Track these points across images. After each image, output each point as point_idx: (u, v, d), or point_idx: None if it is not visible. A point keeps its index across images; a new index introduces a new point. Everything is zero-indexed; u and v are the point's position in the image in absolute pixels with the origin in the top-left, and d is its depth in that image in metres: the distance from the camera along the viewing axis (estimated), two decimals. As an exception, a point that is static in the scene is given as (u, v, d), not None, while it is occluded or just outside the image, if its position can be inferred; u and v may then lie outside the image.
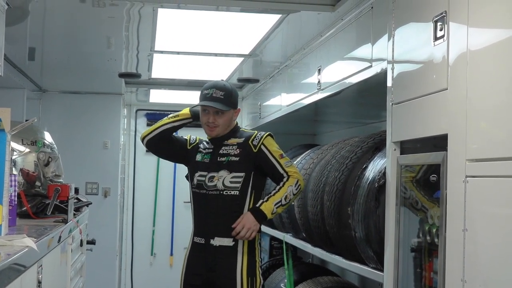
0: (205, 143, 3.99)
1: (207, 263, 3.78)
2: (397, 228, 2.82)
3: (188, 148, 4.01)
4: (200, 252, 3.82)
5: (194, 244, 3.85)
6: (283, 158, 3.81)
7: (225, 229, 3.75)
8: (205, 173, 3.85)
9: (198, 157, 3.94)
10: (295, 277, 5.06)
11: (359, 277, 5.11)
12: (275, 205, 3.71)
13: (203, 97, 3.85)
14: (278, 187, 3.76)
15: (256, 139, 3.84)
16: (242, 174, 3.79)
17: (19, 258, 2.12)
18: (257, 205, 3.73)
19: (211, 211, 3.81)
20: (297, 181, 3.75)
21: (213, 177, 3.82)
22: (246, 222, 3.71)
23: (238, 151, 3.83)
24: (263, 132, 3.89)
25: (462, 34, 2.30)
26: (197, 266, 3.83)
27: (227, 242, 3.75)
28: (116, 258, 7.76)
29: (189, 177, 3.95)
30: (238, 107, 3.96)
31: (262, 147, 3.82)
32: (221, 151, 3.86)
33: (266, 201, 3.73)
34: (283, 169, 3.78)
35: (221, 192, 3.79)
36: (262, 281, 3.84)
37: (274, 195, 3.74)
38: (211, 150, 3.90)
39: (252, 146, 3.82)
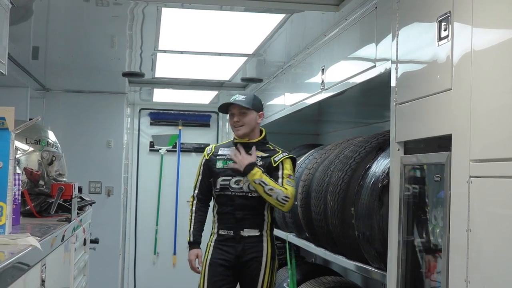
0: (225, 149, 4.49)
1: (237, 250, 4.34)
2: (401, 228, 2.82)
3: (207, 158, 4.51)
4: (228, 241, 4.37)
5: (221, 236, 4.40)
6: (289, 178, 4.30)
7: (252, 222, 4.35)
8: (229, 178, 4.38)
9: (219, 164, 4.44)
10: (298, 277, 5.06)
11: (362, 277, 5.10)
12: (260, 182, 4.21)
13: (228, 103, 4.45)
14: (277, 182, 4.26)
15: (278, 157, 4.39)
16: None
17: (23, 257, 2.12)
18: (254, 170, 4.23)
19: (238, 209, 4.36)
20: (287, 196, 4.19)
21: (239, 180, 4.34)
22: (243, 163, 4.27)
23: (261, 163, 4.34)
24: (287, 153, 4.42)
25: (466, 34, 2.30)
26: (226, 251, 4.37)
27: (254, 232, 4.35)
28: (119, 257, 7.76)
29: (212, 182, 4.46)
30: (262, 112, 4.44)
31: (280, 164, 4.35)
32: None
33: (262, 175, 4.23)
34: (282, 183, 4.27)
35: (247, 194, 4.33)
36: (278, 264, 4.50)
37: (270, 180, 4.23)
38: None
39: (273, 161, 4.37)
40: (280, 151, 4.44)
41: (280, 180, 4.29)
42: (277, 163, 4.35)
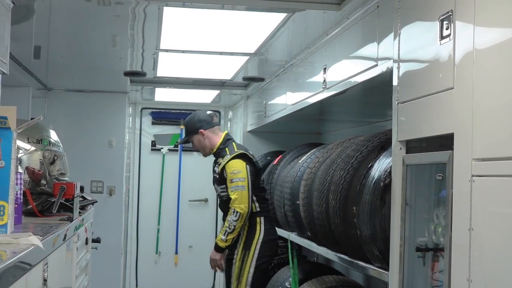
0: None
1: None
2: (403, 227, 2.81)
3: None
4: None
5: None
6: (232, 183, 4.84)
7: None
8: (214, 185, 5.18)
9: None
10: (300, 276, 5.06)
11: (364, 276, 5.11)
12: (224, 234, 4.86)
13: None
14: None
15: (222, 163, 4.93)
16: (224, 185, 4.96)
17: (25, 256, 2.12)
18: (216, 247, 4.96)
19: (222, 211, 5.16)
20: (234, 211, 4.79)
21: (215, 188, 5.15)
22: (211, 256, 5.02)
23: (218, 169, 4.99)
24: (229, 156, 4.89)
25: (468, 33, 2.30)
26: None
27: None
28: (121, 256, 7.77)
29: None
30: (200, 130, 5.09)
31: (223, 169, 4.92)
32: (214, 169, 5.11)
33: (216, 241, 4.95)
34: (229, 193, 4.86)
35: (222, 198, 5.07)
36: (256, 255, 4.90)
37: (223, 226, 4.90)
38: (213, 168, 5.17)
39: (219, 168, 4.97)
40: (226, 155, 4.92)
41: (228, 190, 4.87)
42: (220, 168, 4.94)
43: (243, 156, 4.90)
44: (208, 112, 5.29)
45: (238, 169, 4.84)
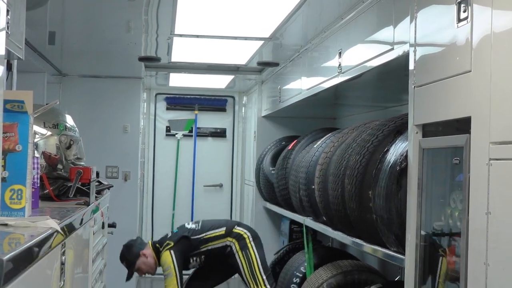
0: None
1: None
2: (419, 212, 2.81)
3: None
4: None
5: None
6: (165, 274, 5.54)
7: None
8: None
9: None
10: (315, 261, 5.07)
11: (379, 261, 5.10)
12: None
13: None
14: None
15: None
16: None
17: (43, 239, 2.13)
18: None
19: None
20: None
21: None
22: None
23: None
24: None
25: (486, 16, 2.28)
26: None
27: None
28: (136, 241, 7.79)
29: None
30: (140, 252, 5.76)
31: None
32: None
33: None
34: None
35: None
36: (256, 249, 5.53)
37: None
38: None
39: None
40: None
41: None
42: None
43: (164, 250, 5.57)
44: (129, 241, 5.98)
45: (163, 262, 5.55)
